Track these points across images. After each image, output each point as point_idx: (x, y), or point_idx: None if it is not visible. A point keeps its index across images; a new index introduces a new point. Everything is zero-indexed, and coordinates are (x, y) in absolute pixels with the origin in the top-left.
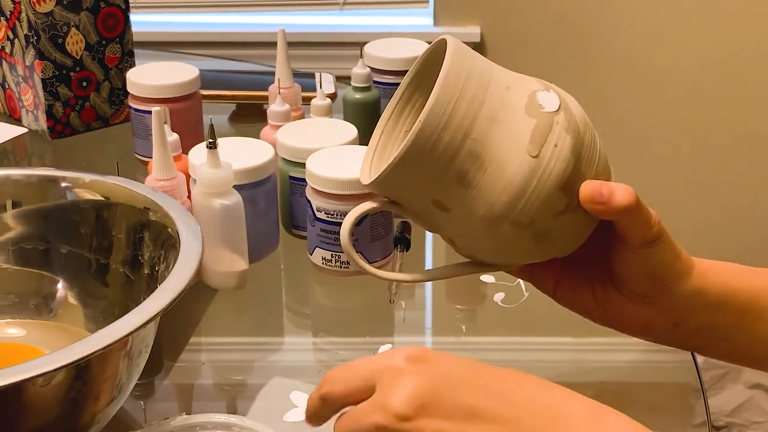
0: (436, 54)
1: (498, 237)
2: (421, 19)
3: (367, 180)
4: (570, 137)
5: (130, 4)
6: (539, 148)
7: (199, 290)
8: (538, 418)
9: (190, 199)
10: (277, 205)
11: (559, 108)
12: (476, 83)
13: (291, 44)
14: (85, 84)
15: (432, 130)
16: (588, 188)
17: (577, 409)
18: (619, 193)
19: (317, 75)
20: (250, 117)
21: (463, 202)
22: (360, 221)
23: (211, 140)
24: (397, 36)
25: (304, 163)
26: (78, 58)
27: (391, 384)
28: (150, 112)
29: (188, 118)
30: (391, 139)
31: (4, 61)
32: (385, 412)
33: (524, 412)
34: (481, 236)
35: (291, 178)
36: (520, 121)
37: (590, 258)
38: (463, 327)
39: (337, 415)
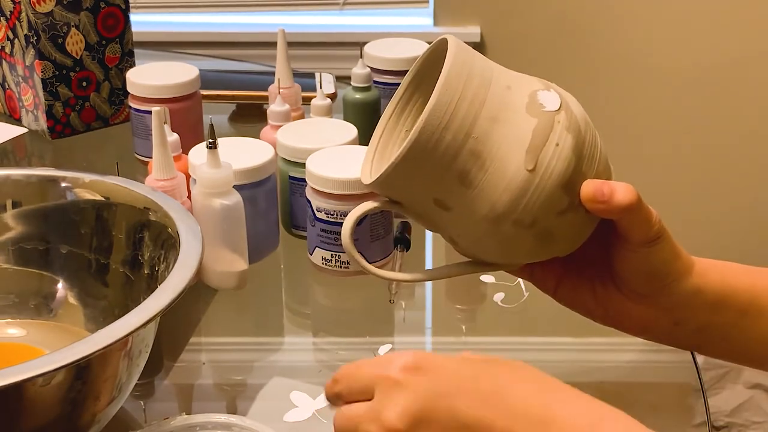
0: (436, 54)
1: (499, 236)
2: (421, 19)
3: (368, 180)
4: (571, 136)
5: (130, 4)
6: (539, 150)
7: (199, 290)
8: (532, 425)
9: (190, 199)
10: (277, 205)
11: (560, 107)
12: (477, 83)
13: (291, 44)
14: (85, 84)
15: (434, 130)
16: (589, 187)
17: (573, 413)
18: (621, 191)
19: (317, 75)
20: (250, 117)
21: (465, 201)
22: (360, 221)
23: (211, 140)
24: (397, 36)
25: (304, 163)
26: (78, 58)
27: (387, 396)
28: (150, 112)
29: (188, 118)
30: (392, 139)
31: (4, 61)
32: (379, 425)
33: (519, 421)
34: (483, 236)
35: (291, 178)
36: (521, 121)
37: (591, 257)
38: (463, 327)
39: None
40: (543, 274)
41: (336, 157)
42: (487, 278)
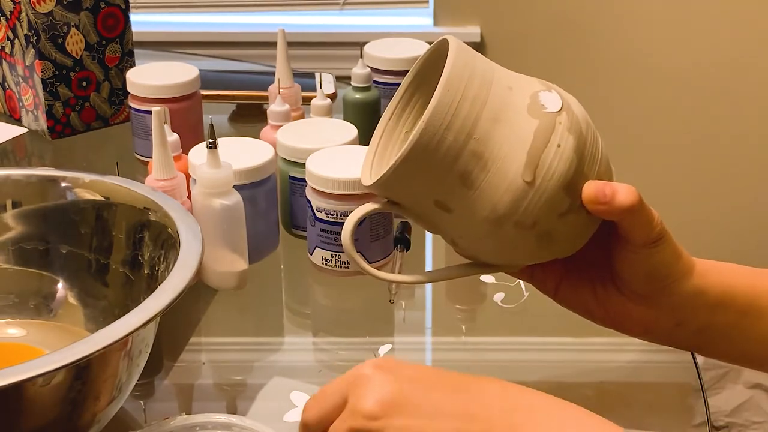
0: (437, 55)
1: (501, 238)
2: (421, 19)
3: (368, 182)
4: (572, 137)
5: (130, 4)
6: (540, 151)
7: (199, 290)
8: (502, 411)
9: (190, 199)
10: (277, 205)
11: (561, 108)
12: (479, 83)
13: (291, 44)
14: (85, 84)
15: (435, 130)
16: (591, 188)
17: (541, 402)
18: (622, 193)
19: (317, 75)
20: (250, 117)
21: (466, 202)
22: (360, 222)
23: (211, 140)
24: (397, 36)
25: (304, 163)
26: (78, 58)
27: (361, 391)
28: (150, 112)
29: (188, 118)
30: (392, 140)
31: (4, 61)
32: (356, 415)
33: (489, 407)
34: (484, 237)
35: (291, 178)
36: (523, 122)
37: (591, 259)
38: (463, 327)
39: None
40: (543, 276)
41: (336, 157)
42: (487, 278)
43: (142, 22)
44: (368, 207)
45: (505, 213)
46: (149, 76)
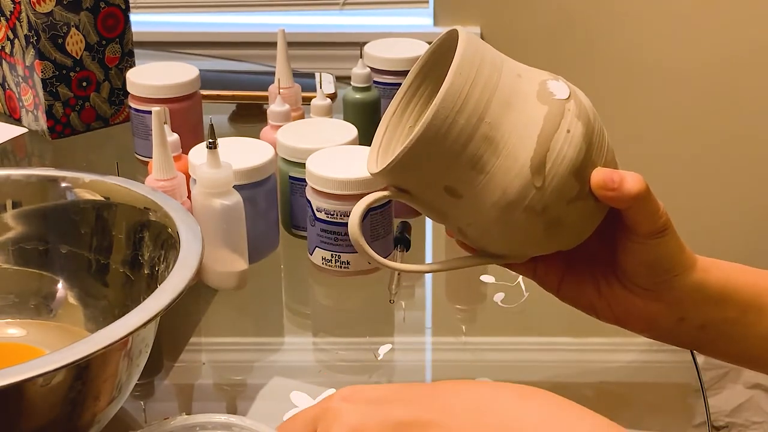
0: (443, 48)
1: (510, 224)
2: (421, 19)
3: (378, 168)
4: (581, 124)
5: (130, 4)
6: (551, 136)
7: (199, 290)
8: (466, 410)
9: (190, 199)
10: (277, 205)
11: (569, 96)
12: (489, 69)
13: (291, 44)
14: (85, 84)
15: (447, 113)
16: (600, 175)
17: (513, 405)
18: (630, 180)
19: (317, 75)
20: (250, 117)
21: (476, 188)
22: (367, 212)
23: (211, 140)
24: (397, 36)
25: (304, 163)
26: (78, 58)
27: (328, 424)
28: (150, 112)
29: (188, 118)
30: (395, 135)
31: (4, 61)
32: None
33: (453, 409)
34: (493, 223)
35: (291, 178)
36: (533, 108)
37: (594, 253)
38: (463, 327)
39: None
40: (546, 271)
41: (336, 157)
42: (487, 278)
43: (142, 22)
44: (377, 194)
45: (515, 198)
46: (149, 76)
